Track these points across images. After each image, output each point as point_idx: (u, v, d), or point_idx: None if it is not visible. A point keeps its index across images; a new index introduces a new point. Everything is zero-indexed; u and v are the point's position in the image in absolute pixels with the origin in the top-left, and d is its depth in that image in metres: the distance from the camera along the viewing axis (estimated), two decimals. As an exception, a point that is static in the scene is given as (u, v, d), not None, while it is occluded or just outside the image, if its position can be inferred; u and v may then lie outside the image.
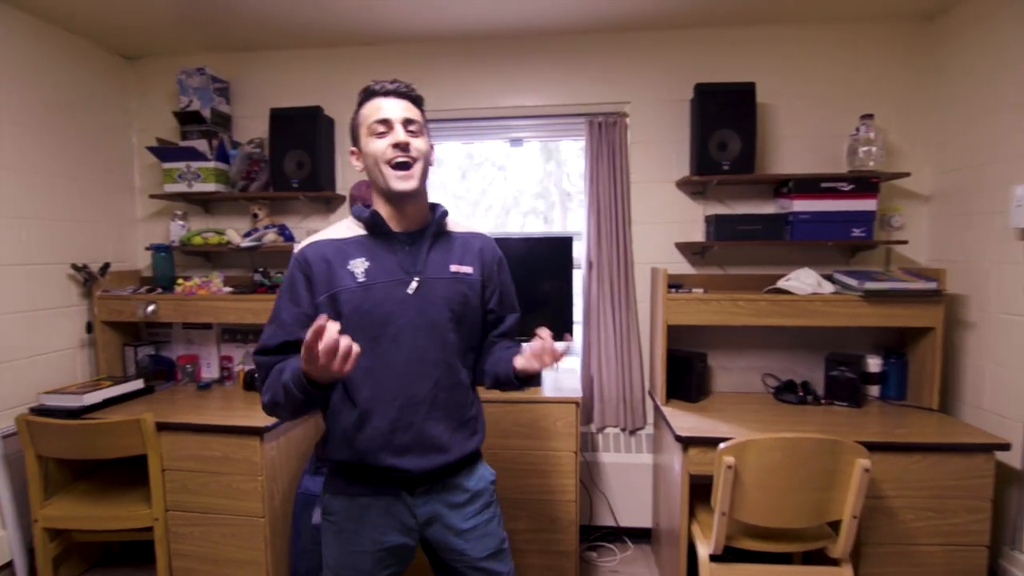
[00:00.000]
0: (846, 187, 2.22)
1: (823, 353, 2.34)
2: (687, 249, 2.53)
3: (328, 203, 2.70)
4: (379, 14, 2.29)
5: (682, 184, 2.50)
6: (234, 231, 2.59)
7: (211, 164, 2.50)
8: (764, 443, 1.63)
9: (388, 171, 1.16)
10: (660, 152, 2.52)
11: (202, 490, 2.05)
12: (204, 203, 2.75)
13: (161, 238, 2.73)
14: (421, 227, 1.25)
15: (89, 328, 2.49)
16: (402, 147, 1.15)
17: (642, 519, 2.56)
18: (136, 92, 2.77)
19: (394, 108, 1.18)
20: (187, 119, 2.58)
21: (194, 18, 2.33)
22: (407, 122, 1.18)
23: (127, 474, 2.25)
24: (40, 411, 2.11)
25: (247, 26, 2.42)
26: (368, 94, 1.22)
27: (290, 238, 2.64)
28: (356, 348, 0.97)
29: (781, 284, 2.23)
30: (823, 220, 2.24)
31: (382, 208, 1.23)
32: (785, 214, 2.31)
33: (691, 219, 2.52)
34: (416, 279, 1.20)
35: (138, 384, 2.38)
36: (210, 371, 2.67)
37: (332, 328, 0.93)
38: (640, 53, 2.49)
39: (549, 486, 1.99)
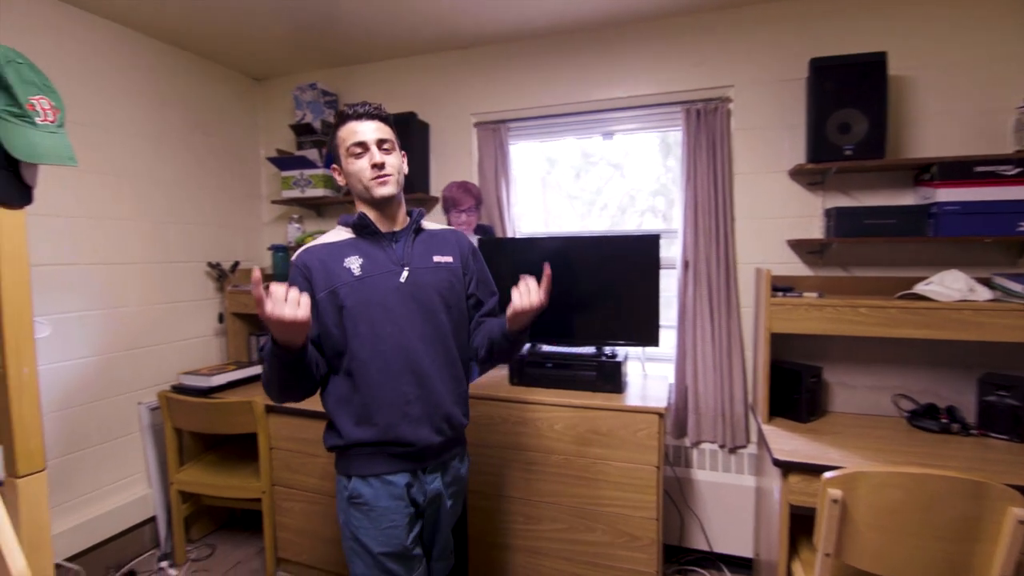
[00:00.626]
0: (1011, 171, 1.80)
1: (976, 373, 1.93)
2: (802, 247, 2.23)
3: (422, 205, 2.80)
4: (472, 15, 2.32)
5: (796, 174, 2.21)
6: (339, 232, 2.78)
7: (320, 171, 2.72)
8: (880, 477, 1.37)
9: (371, 184, 1.31)
10: (769, 139, 2.25)
11: (302, 469, 2.22)
12: (316, 207, 3.00)
13: (281, 239, 3.03)
14: (403, 227, 1.40)
15: (221, 319, 2.83)
16: (379, 167, 1.31)
17: (742, 547, 2.31)
18: (262, 109, 3.10)
19: (368, 130, 1.31)
20: (301, 131, 2.83)
21: (308, 38, 2.56)
22: (380, 142, 1.32)
23: (246, 449, 2.52)
24: (178, 389, 2.43)
25: (353, 41, 2.59)
26: (343, 118, 1.34)
27: (388, 238, 2.77)
28: (294, 293, 1.09)
29: (919, 289, 1.87)
30: (978, 212, 1.84)
31: (369, 212, 1.36)
32: (927, 205, 1.94)
33: (807, 213, 2.22)
34: (406, 269, 1.34)
35: (258, 369, 2.66)
36: (318, 361, 2.90)
37: (259, 279, 1.06)
38: (744, 30, 2.25)
39: (627, 500, 1.86)
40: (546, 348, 2.22)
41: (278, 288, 1.08)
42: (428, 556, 1.44)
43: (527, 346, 2.27)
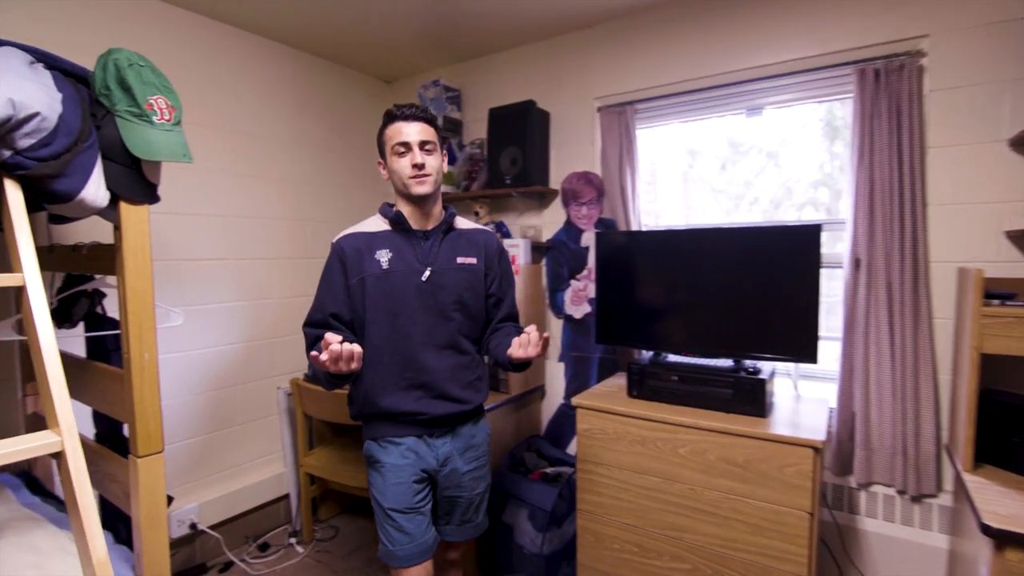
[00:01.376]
0: None
1: None
2: (1029, 241, 1.68)
3: (541, 198, 2.66)
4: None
5: (1020, 143, 1.67)
6: (458, 228, 2.76)
7: (441, 167, 2.71)
8: None
9: (409, 182, 1.41)
10: (979, 101, 1.73)
11: (413, 467, 2.21)
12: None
13: (408, 236, 3.09)
14: (435, 225, 1.48)
15: (351, 312, 2.97)
16: (419, 167, 1.40)
17: (929, 623, 1.81)
18: (393, 110, 3.20)
19: (412, 132, 1.40)
20: (425, 128, 2.85)
21: (433, 37, 2.56)
22: (423, 143, 1.41)
23: (366, 440, 2.59)
24: (309, 378, 2.58)
25: (475, 35, 2.54)
26: (391, 118, 1.44)
27: (507, 234, 2.68)
28: (358, 349, 1.23)
29: None
30: None
31: (404, 208, 1.46)
32: None
33: (1037, 196, 1.66)
34: (429, 269, 1.44)
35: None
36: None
37: (334, 342, 1.19)
38: (947, -39, 1.75)
39: (769, 548, 1.53)
40: (673, 358, 1.94)
41: (335, 346, 1.19)
42: (449, 519, 1.55)
43: (649, 354, 2.01)
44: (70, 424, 0.94)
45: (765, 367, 1.76)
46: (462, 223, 1.57)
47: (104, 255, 1.31)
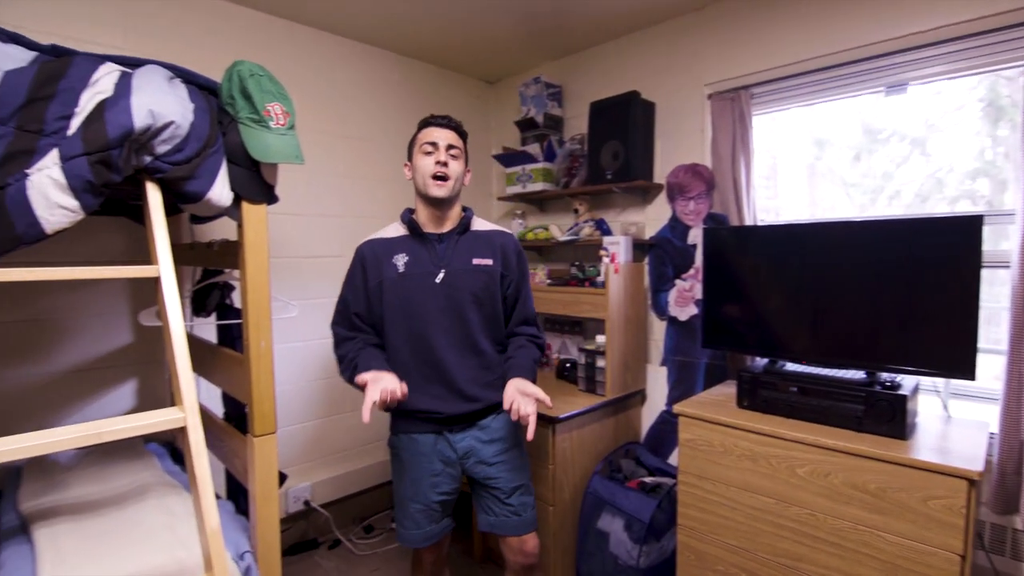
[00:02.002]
0: None
1: None
2: None
3: (645, 194, 2.54)
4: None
5: None
6: (556, 227, 2.72)
7: (540, 165, 2.69)
8: None
9: (429, 182, 1.49)
10: None
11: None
12: (539, 202, 2.99)
13: (507, 235, 3.11)
14: (451, 228, 1.55)
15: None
16: (442, 164, 1.48)
17: None
18: (494, 111, 3.24)
19: (442, 136, 1.51)
20: (525, 126, 2.84)
21: (534, 34, 2.55)
22: (449, 147, 1.50)
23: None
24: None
25: (576, 28, 2.49)
26: (425, 123, 1.55)
27: (607, 232, 2.59)
28: (403, 391, 1.37)
29: None
30: None
31: (423, 210, 1.55)
32: None
33: None
34: (443, 270, 1.50)
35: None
36: (534, 356, 2.89)
37: (377, 395, 1.31)
38: None
39: (908, 592, 1.32)
40: (792, 367, 1.75)
41: (386, 391, 1.33)
42: (492, 511, 1.57)
43: (764, 361, 1.83)
44: (192, 403, 1.04)
45: (906, 382, 1.52)
46: (479, 224, 1.62)
47: (230, 251, 1.45)
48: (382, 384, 1.33)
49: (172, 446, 1.98)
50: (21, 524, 1.39)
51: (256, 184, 1.30)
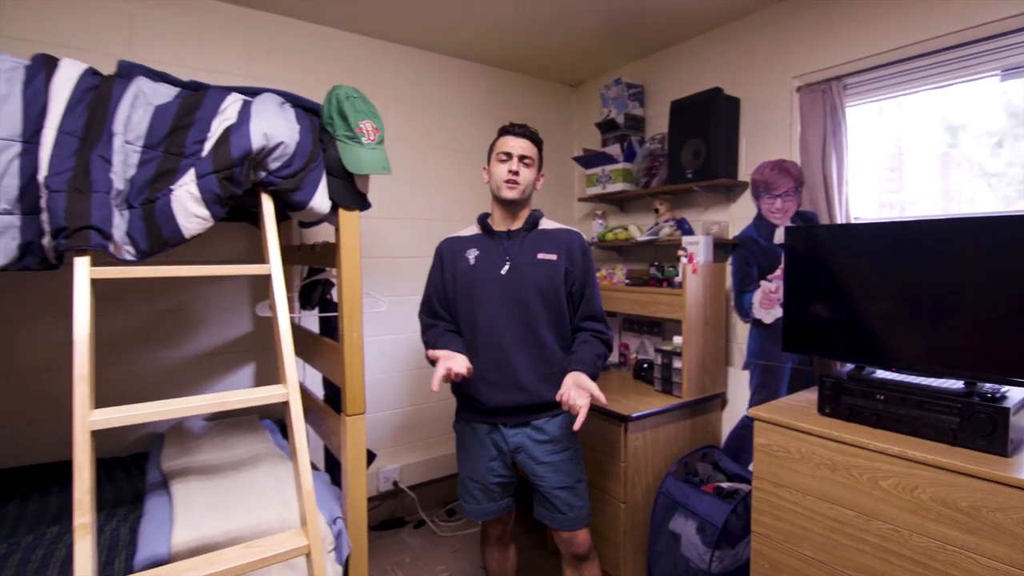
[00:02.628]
0: None
1: None
2: None
3: (728, 192, 2.47)
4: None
5: None
6: (636, 227, 2.72)
7: (620, 166, 2.70)
8: None
9: (502, 185, 1.62)
10: None
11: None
12: (619, 202, 3.00)
13: (588, 235, 3.15)
14: (520, 226, 1.67)
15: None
16: (513, 172, 1.60)
17: None
18: (576, 113, 3.29)
19: (517, 146, 1.62)
20: (605, 128, 2.87)
21: (615, 35, 2.57)
22: (522, 157, 1.62)
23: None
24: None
25: (658, 26, 2.48)
26: (503, 132, 1.66)
27: (688, 231, 2.55)
28: (468, 369, 1.48)
29: None
30: None
31: (496, 211, 1.69)
32: None
33: None
34: (508, 263, 1.62)
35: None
36: (612, 355, 2.91)
37: (443, 372, 1.44)
38: None
39: (1008, 623, 1.21)
40: (881, 374, 1.65)
41: (450, 368, 1.45)
42: (540, 505, 1.66)
43: (849, 367, 1.74)
44: (294, 381, 1.21)
45: (1013, 394, 1.39)
46: (547, 223, 1.72)
47: (329, 252, 1.64)
48: (449, 362, 1.45)
49: (282, 423, 2.25)
50: (163, 480, 1.67)
51: (350, 193, 1.47)
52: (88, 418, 1.02)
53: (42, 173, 1.09)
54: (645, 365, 2.53)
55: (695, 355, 2.25)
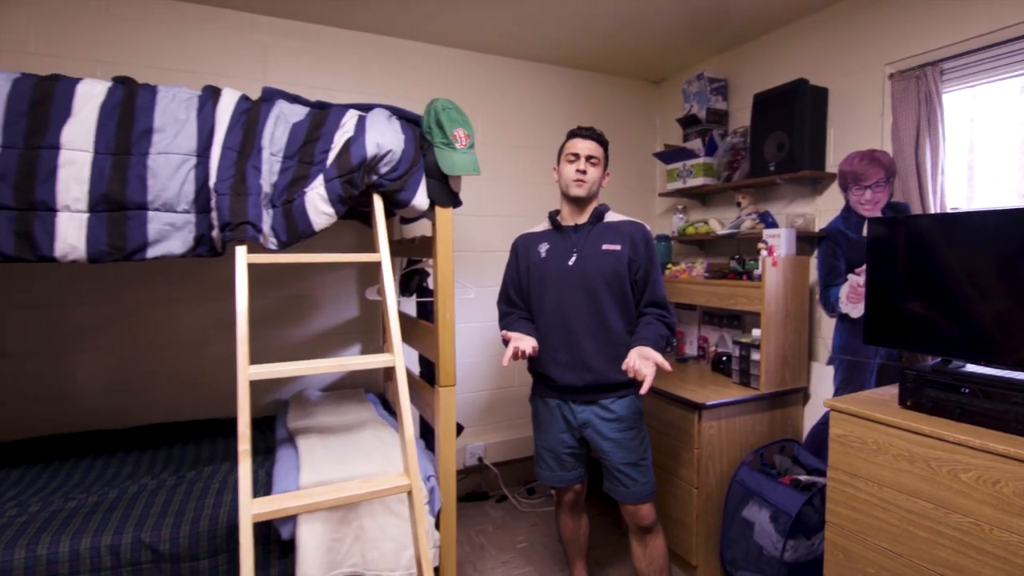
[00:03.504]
0: None
1: None
2: None
3: (815, 184, 2.43)
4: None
5: None
6: (716, 221, 2.74)
7: (701, 160, 2.73)
8: None
9: (570, 183, 1.77)
10: None
11: (652, 445, 2.34)
12: (701, 196, 3.02)
13: (668, 230, 3.20)
14: (586, 221, 1.81)
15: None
16: (581, 172, 1.75)
17: None
18: (659, 110, 3.33)
19: (584, 147, 1.77)
20: (688, 123, 2.90)
21: (698, 29, 2.60)
22: (589, 157, 1.76)
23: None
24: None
25: (742, 18, 2.49)
26: (572, 135, 1.81)
27: (772, 225, 2.54)
28: (533, 348, 1.66)
29: None
30: None
31: (565, 207, 1.85)
32: None
33: None
34: (576, 254, 1.77)
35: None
36: (691, 348, 2.94)
37: (515, 351, 1.62)
38: None
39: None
40: (968, 368, 1.60)
41: (518, 348, 1.63)
42: (606, 478, 1.81)
43: (935, 360, 1.69)
44: (399, 351, 1.44)
45: (1119, 392, 1.31)
46: (613, 216, 1.85)
47: (426, 245, 1.87)
48: (517, 342, 1.63)
49: (383, 397, 2.55)
50: (289, 436, 1.98)
51: (445, 192, 1.68)
52: (247, 371, 1.30)
53: (212, 180, 1.40)
54: (724, 358, 2.55)
55: (774, 348, 2.25)
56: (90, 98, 1.36)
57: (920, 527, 1.49)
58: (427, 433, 2.16)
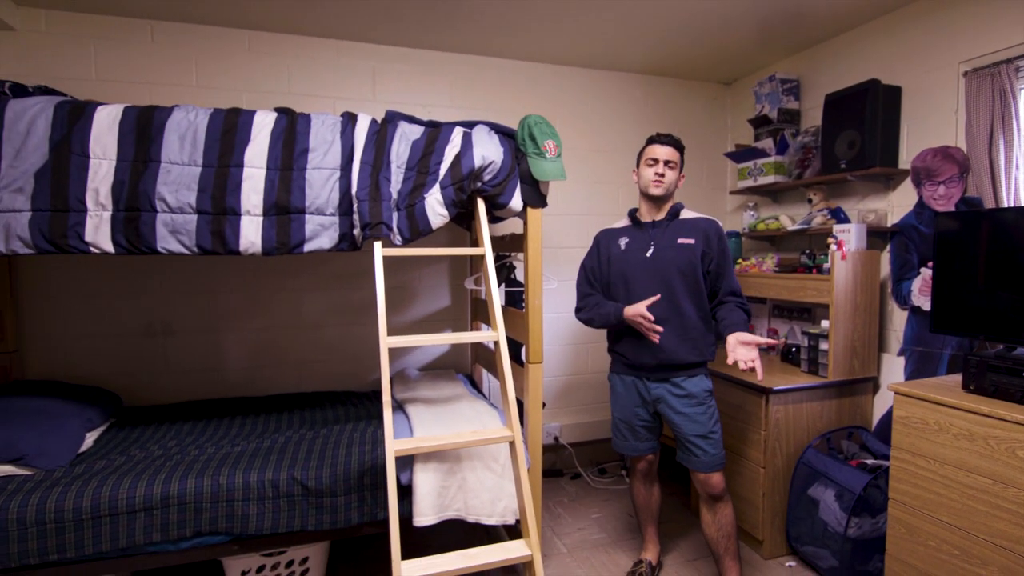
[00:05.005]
0: None
1: None
2: None
3: (887, 181, 2.50)
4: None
5: None
6: (787, 217, 2.84)
7: (772, 159, 2.85)
8: None
9: (650, 184, 1.96)
10: None
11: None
12: (772, 194, 3.12)
13: (739, 226, 3.31)
14: (663, 217, 2.00)
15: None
16: (659, 175, 1.95)
17: None
18: (730, 110, 3.44)
19: (663, 152, 1.96)
20: (759, 123, 3.01)
21: (771, 32, 2.71)
22: (667, 161, 1.96)
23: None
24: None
25: (814, 19, 2.57)
26: (651, 141, 2.01)
27: (843, 220, 2.63)
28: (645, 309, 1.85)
29: None
30: None
31: (643, 205, 2.05)
32: None
33: None
34: (652, 248, 1.96)
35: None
36: (761, 340, 3.05)
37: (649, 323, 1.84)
38: None
39: None
40: (1033, 355, 1.68)
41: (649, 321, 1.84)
42: (679, 448, 2.01)
43: (999, 347, 1.77)
44: (501, 329, 1.73)
45: None
46: (688, 214, 2.03)
47: (516, 241, 2.15)
48: (635, 309, 1.85)
49: (470, 376, 2.87)
50: (398, 405, 2.33)
51: (536, 195, 1.95)
52: (386, 340, 1.63)
53: (354, 189, 1.74)
54: (794, 349, 2.67)
55: (843, 338, 2.35)
56: (264, 126, 1.75)
57: (979, 501, 1.60)
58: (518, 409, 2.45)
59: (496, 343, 1.75)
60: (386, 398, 1.58)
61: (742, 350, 1.77)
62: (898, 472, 1.84)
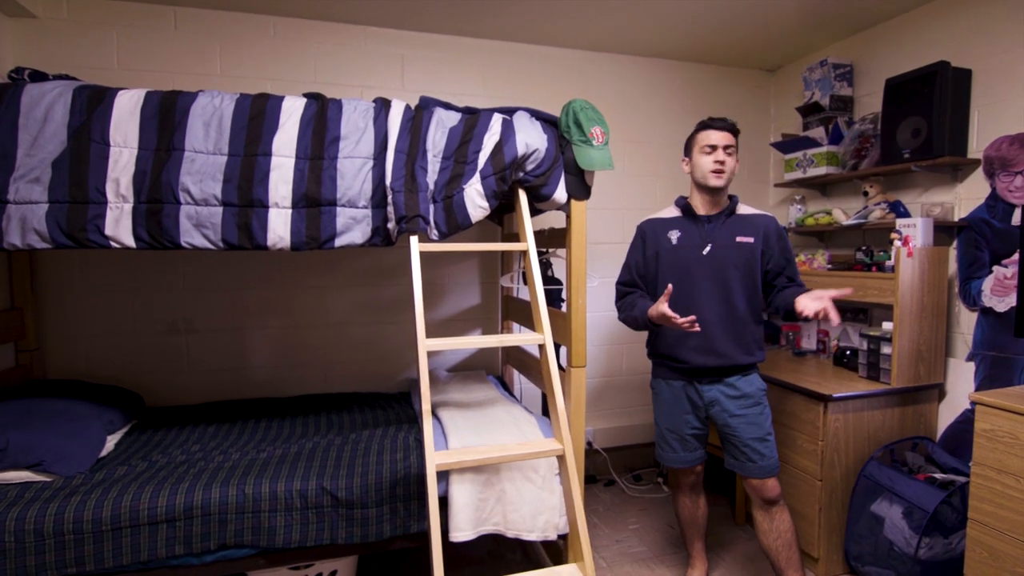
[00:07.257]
0: None
1: None
2: None
3: (955, 172, 2.31)
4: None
5: None
6: (840, 211, 2.66)
7: (823, 149, 2.67)
8: None
9: (709, 175, 1.80)
10: None
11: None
12: (822, 186, 2.93)
13: (784, 221, 3.13)
14: (719, 211, 1.86)
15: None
16: (719, 163, 1.79)
17: None
18: (774, 99, 3.26)
19: (719, 138, 1.80)
20: (809, 111, 2.83)
21: (820, 14, 2.54)
22: (726, 147, 1.80)
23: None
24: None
25: (869, 2, 2.40)
26: (703, 126, 1.85)
27: (904, 214, 2.44)
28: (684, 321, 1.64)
29: None
30: None
31: (697, 196, 1.88)
32: None
33: None
34: (710, 245, 1.83)
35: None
36: (809, 342, 2.88)
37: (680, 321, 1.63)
38: None
39: None
40: None
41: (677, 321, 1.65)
42: (731, 455, 1.88)
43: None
44: (547, 330, 1.60)
45: None
46: (744, 209, 1.90)
47: (556, 236, 2.01)
48: (656, 309, 1.69)
49: (500, 379, 2.74)
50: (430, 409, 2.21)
51: (581, 186, 1.82)
52: (424, 343, 1.51)
53: (388, 179, 1.62)
54: (848, 352, 2.49)
55: (908, 342, 2.18)
56: (292, 112, 1.63)
57: (1084, 528, 1.43)
58: (547, 411, 2.31)
59: (541, 346, 1.62)
60: (426, 407, 1.46)
61: (813, 302, 1.59)
62: (979, 490, 1.67)
